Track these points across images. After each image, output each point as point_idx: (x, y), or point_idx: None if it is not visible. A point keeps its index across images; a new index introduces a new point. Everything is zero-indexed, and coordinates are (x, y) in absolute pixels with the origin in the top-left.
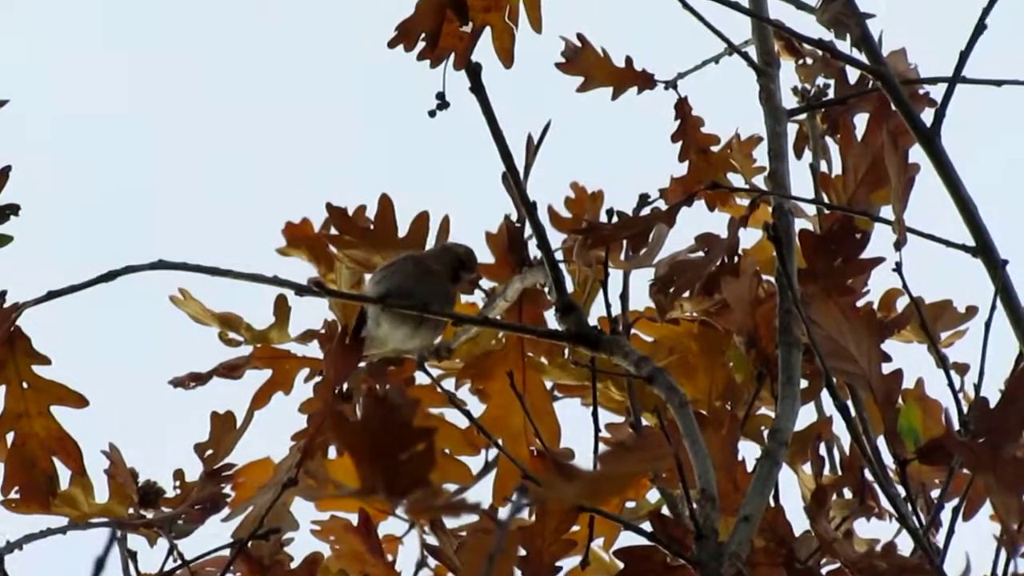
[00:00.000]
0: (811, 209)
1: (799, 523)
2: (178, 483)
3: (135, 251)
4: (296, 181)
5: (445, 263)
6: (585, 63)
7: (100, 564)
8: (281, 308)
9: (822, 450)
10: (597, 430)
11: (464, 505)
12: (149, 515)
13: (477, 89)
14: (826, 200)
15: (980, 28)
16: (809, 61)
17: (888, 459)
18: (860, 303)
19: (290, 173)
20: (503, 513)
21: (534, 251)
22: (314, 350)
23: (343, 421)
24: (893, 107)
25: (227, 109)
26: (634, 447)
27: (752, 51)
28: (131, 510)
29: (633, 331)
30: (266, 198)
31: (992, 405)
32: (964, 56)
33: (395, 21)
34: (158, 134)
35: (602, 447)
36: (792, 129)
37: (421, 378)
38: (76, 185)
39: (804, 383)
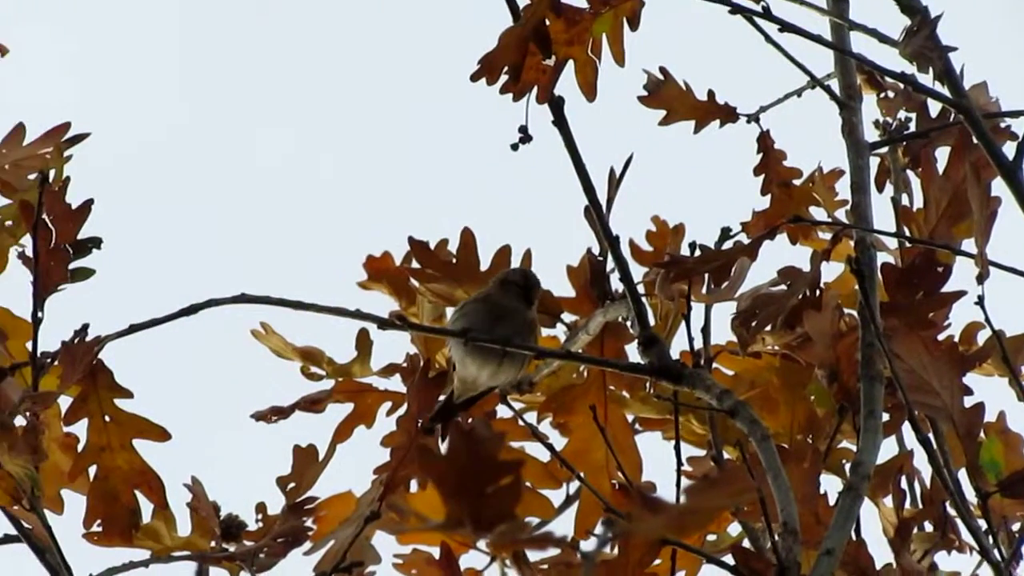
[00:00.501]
0: (893, 243)
1: (880, 556)
2: (260, 516)
3: (217, 285)
4: (378, 215)
5: (512, 294)
6: (667, 96)
7: None
8: (363, 342)
9: (903, 483)
10: (679, 464)
11: (549, 539)
12: (231, 548)
13: (560, 123)
14: (908, 233)
15: None
16: (891, 95)
17: (970, 492)
18: (942, 336)
19: (372, 207)
20: (588, 546)
21: (616, 285)
22: (396, 384)
23: (429, 454)
24: (975, 140)
25: (308, 143)
26: (718, 481)
27: (835, 84)
28: (213, 543)
29: (715, 365)
30: (348, 232)
31: None
32: None
33: (479, 55)
34: (240, 167)
35: (684, 481)
36: (874, 163)
37: (503, 411)
38: (157, 218)
39: (886, 416)
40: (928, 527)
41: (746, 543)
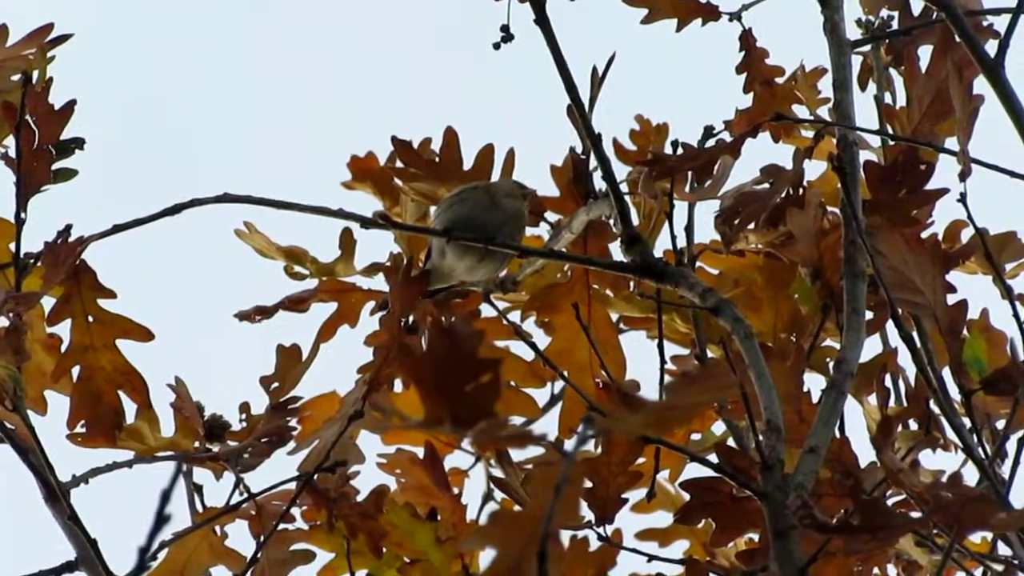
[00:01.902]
0: (876, 140)
1: (864, 454)
2: (244, 417)
3: (200, 185)
4: (361, 114)
5: (514, 194)
6: None
7: (166, 497)
8: (347, 241)
9: (887, 381)
10: (663, 362)
11: (530, 437)
12: (215, 449)
13: (542, 21)
14: (891, 131)
15: None
16: None
17: (953, 390)
18: (925, 234)
19: (355, 107)
20: (569, 445)
21: (599, 183)
22: (380, 283)
23: (408, 353)
24: (957, 38)
25: (291, 41)
26: (699, 378)
27: None
28: (197, 444)
29: (698, 263)
30: (331, 132)
31: None
32: None
33: None
34: (223, 67)
35: (668, 379)
36: (856, 61)
37: (487, 311)
38: (140, 118)
39: (869, 314)
40: (913, 425)
41: (730, 442)
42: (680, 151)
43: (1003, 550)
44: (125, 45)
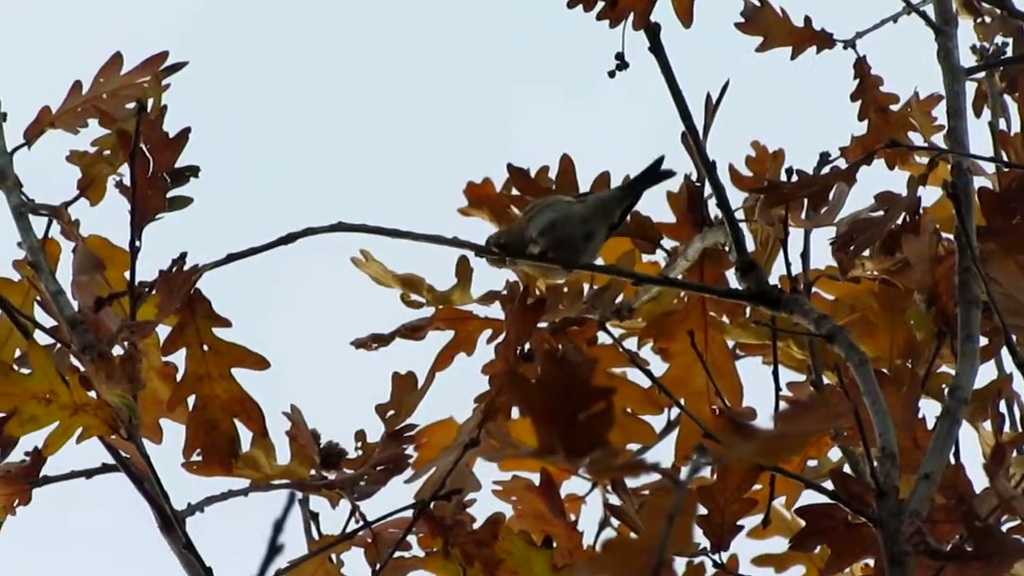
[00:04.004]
0: (990, 167)
1: (979, 481)
2: (360, 444)
3: (315, 213)
4: (478, 142)
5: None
6: (764, 23)
7: (279, 526)
8: (463, 269)
9: (1002, 407)
10: (778, 389)
11: (644, 465)
12: (331, 476)
13: (656, 49)
14: (1005, 158)
15: None
16: (987, 19)
17: None
18: None
19: (473, 134)
20: (683, 472)
21: (715, 211)
22: (496, 311)
23: (522, 381)
24: None
25: (407, 69)
26: (813, 405)
27: (930, 10)
28: (312, 472)
29: (814, 290)
30: (449, 159)
31: None
32: None
33: None
34: (337, 94)
35: (783, 405)
36: (971, 88)
37: (603, 338)
38: (255, 146)
39: (984, 341)
40: None
41: (846, 468)
42: (795, 178)
43: None
44: (235, 69)
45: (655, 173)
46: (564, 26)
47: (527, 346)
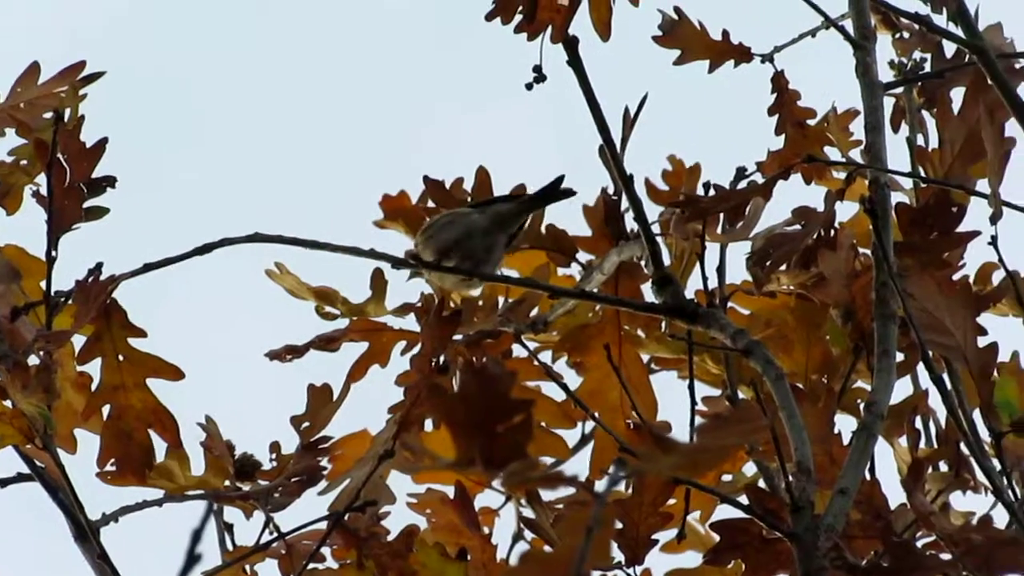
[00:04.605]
0: (908, 183)
1: (895, 496)
2: (274, 456)
3: (231, 224)
4: (393, 154)
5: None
6: (682, 36)
7: (196, 536)
8: (378, 281)
9: (918, 423)
10: (694, 403)
11: (561, 477)
12: (246, 488)
13: (574, 62)
14: (923, 173)
15: None
16: (906, 35)
17: (984, 432)
18: (956, 276)
19: (387, 146)
20: (600, 486)
21: (631, 224)
22: (411, 323)
23: (440, 393)
24: (989, 81)
25: (323, 82)
26: (731, 420)
27: (849, 25)
28: (227, 483)
29: (730, 304)
30: (363, 171)
31: None
32: None
33: None
34: (253, 105)
35: (699, 420)
36: (889, 103)
37: (518, 351)
38: (171, 156)
39: (900, 356)
40: (943, 467)
41: (761, 483)
42: (712, 192)
43: None
44: (153, 80)
45: (555, 191)
46: (481, 38)
47: (442, 358)
